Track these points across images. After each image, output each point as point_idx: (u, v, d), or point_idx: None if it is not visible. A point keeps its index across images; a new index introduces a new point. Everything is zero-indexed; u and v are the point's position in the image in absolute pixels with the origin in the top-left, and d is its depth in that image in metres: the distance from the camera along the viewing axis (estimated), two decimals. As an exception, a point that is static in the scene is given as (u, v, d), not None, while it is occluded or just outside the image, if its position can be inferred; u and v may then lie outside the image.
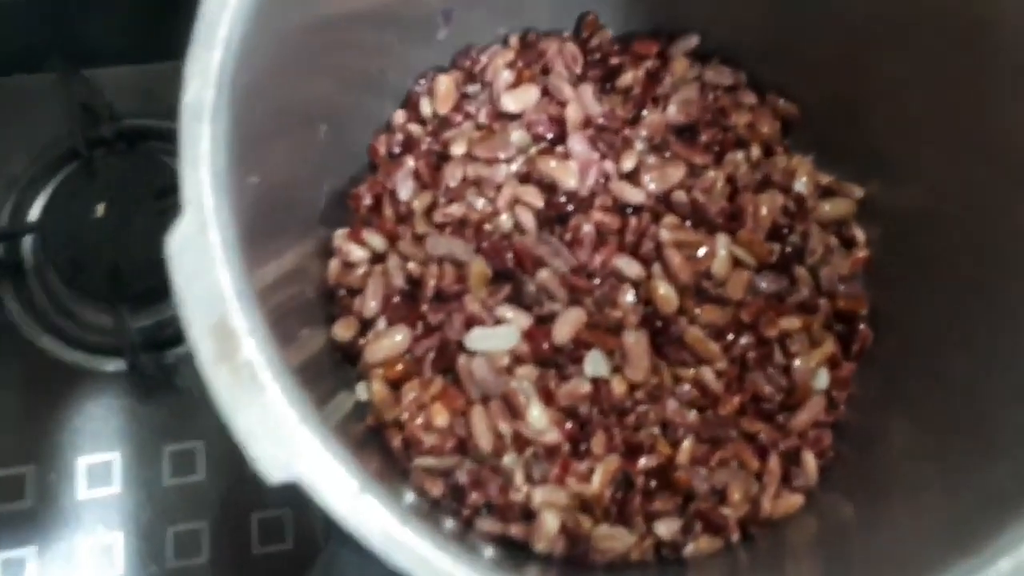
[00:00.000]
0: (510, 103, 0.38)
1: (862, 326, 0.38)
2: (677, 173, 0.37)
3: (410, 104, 0.39)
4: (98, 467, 0.45)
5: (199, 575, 0.44)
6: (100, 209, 0.46)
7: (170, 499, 0.45)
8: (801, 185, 0.39)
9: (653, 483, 0.35)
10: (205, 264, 0.20)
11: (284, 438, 0.20)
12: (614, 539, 0.34)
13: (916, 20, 0.33)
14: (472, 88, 0.39)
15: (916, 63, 0.35)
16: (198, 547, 0.44)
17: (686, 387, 0.36)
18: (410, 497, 0.31)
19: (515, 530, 0.33)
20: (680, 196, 0.37)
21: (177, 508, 0.44)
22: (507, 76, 0.39)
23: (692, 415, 0.36)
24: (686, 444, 0.35)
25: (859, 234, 0.40)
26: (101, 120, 0.47)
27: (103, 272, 0.45)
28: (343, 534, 0.20)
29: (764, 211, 0.37)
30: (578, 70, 0.40)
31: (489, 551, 0.26)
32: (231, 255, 0.21)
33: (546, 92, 0.39)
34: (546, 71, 0.40)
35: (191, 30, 0.22)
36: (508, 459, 0.34)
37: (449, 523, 0.29)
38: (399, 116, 0.39)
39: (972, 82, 0.32)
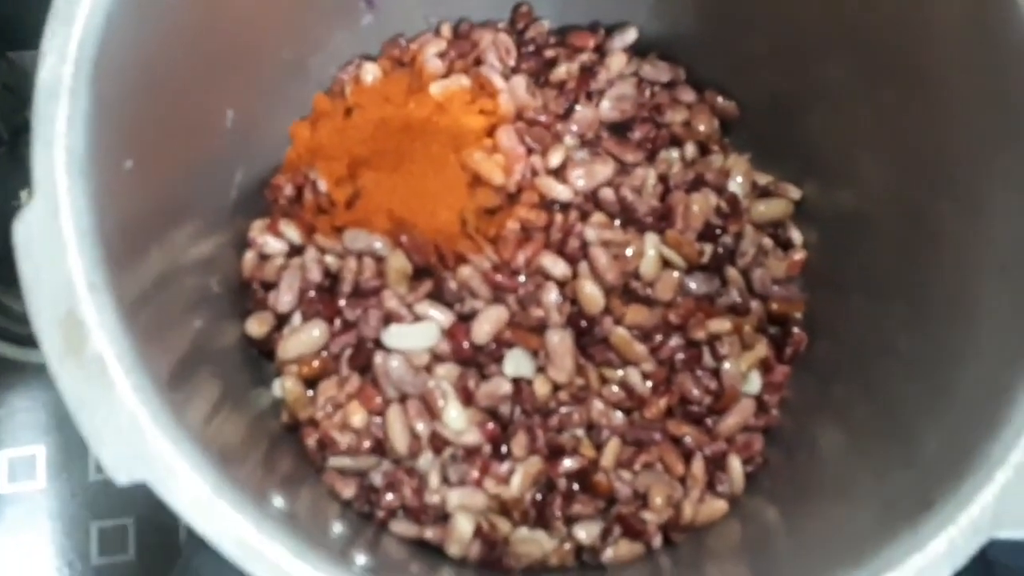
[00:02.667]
0: (438, 93, 0.37)
1: (796, 329, 0.38)
2: (605, 170, 0.36)
3: (334, 91, 0.38)
4: (21, 461, 0.44)
5: (125, 572, 0.43)
6: (24, 196, 0.44)
7: (96, 495, 0.44)
8: (736, 185, 0.38)
9: (575, 486, 0.34)
10: (55, 252, 0.19)
11: (132, 437, 0.19)
12: (532, 543, 0.33)
13: (852, 27, 0.33)
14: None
15: (851, 68, 0.34)
16: (124, 543, 0.43)
17: (613, 388, 0.35)
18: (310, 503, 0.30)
19: (430, 533, 0.33)
20: (608, 194, 0.36)
21: (103, 504, 0.43)
22: (437, 65, 0.38)
23: (618, 417, 0.35)
24: (610, 446, 0.35)
25: (796, 236, 0.39)
26: (26, 104, 0.45)
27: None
28: (199, 540, 0.19)
29: (696, 211, 0.37)
30: (511, 62, 0.39)
31: (362, 559, 0.25)
32: (86, 243, 0.20)
33: (478, 83, 0.38)
34: (479, 62, 0.39)
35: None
36: (424, 460, 0.33)
37: (339, 528, 0.28)
38: (321, 102, 0.37)
39: (903, 90, 0.32)
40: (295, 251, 0.36)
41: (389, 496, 0.33)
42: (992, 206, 0.28)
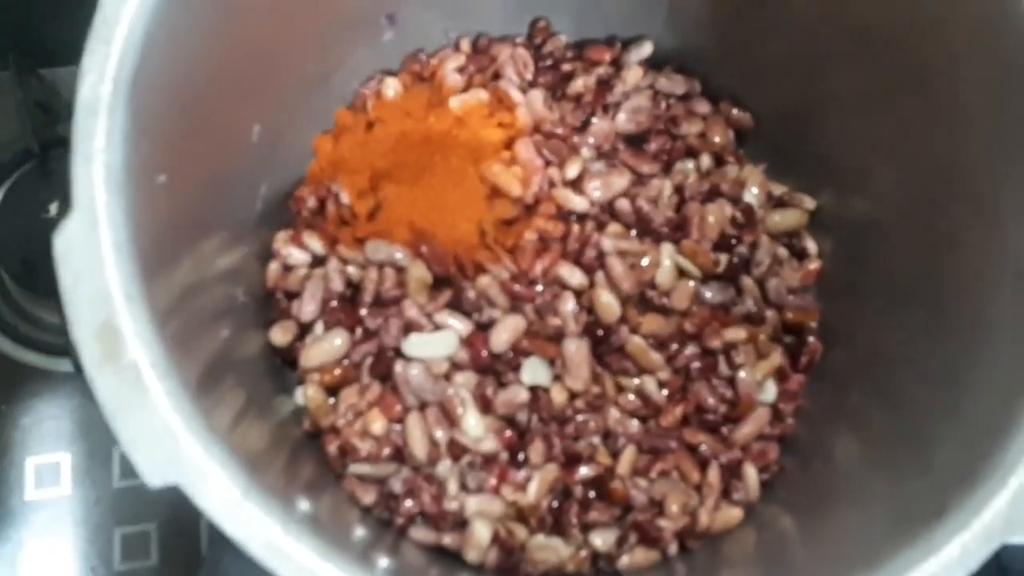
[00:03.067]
0: (457, 107, 0.38)
1: (811, 339, 0.38)
2: (622, 181, 0.37)
3: (356, 106, 0.39)
4: (47, 468, 0.45)
5: (146, 578, 0.43)
6: (53, 209, 0.45)
7: (120, 501, 0.44)
8: (751, 196, 0.39)
9: (591, 493, 0.35)
10: (93, 264, 0.20)
11: (166, 442, 0.19)
12: (549, 550, 0.33)
13: (866, 36, 0.33)
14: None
15: (866, 77, 0.34)
16: (147, 550, 0.44)
17: (629, 396, 0.36)
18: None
19: (448, 539, 0.33)
20: (624, 204, 0.37)
21: (126, 510, 0.44)
22: (456, 79, 0.39)
23: (634, 425, 0.36)
24: (626, 454, 0.35)
25: (811, 245, 0.39)
26: (57, 120, 0.46)
27: (55, 272, 0.45)
28: (226, 542, 0.19)
29: (711, 221, 0.37)
30: (529, 76, 0.39)
31: (384, 562, 0.25)
32: (123, 256, 0.20)
33: (496, 97, 0.39)
34: (497, 76, 0.40)
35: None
36: (442, 467, 0.34)
37: (360, 533, 0.29)
38: (343, 117, 0.38)
39: (918, 99, 0.32)
40: (318, 262, 0.37)
41: (408, 503, 0.33)
42: (1007, 214, 0.28)
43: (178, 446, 0.19)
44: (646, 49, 0.40)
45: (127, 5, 0.22)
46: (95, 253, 0.20)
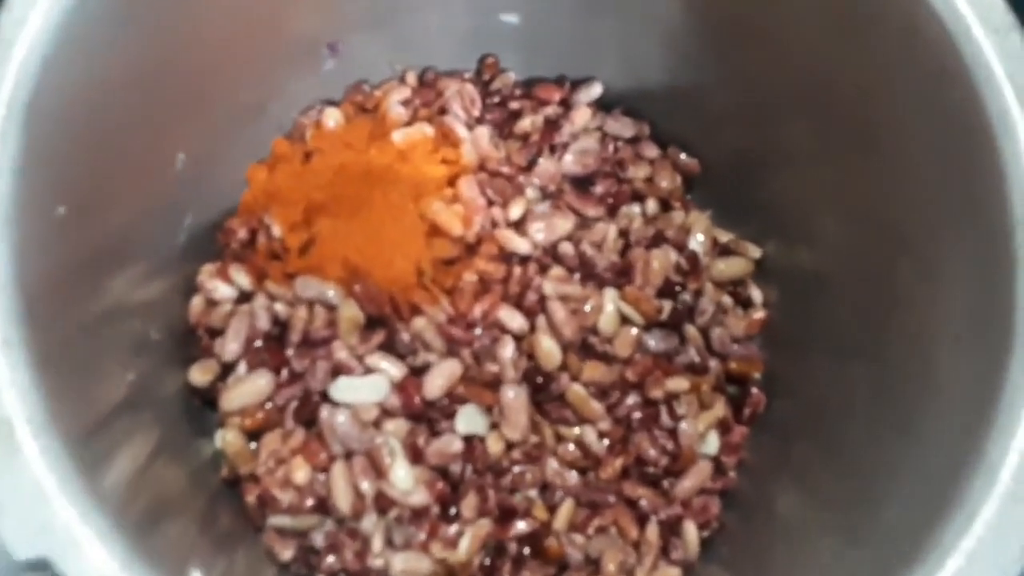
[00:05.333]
0: (400, 140, 0.37)
1: (755, 389, 0.37)
2: (566, 224, 0.36)
3: (294, 135, 0.37)
4: None
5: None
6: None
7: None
8: (696, 243, 0.38)
9: (525, 550, 0.33)
10: (-35, 305, 0.18)
11: (37, 507, 0.17)
12: (480, 610, 0.31)
13: (814, 91, 0.33)
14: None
15: (814, 131, 0.34)
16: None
17: (568, 447, 0.34)
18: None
19: (371, 599, 0.31)
20: (568, 248, 0.36)
21: None
22: (401, 112, 0.38)
23: (572, 477, 0.34)
24: (564, 508, 0.34)
25: (756, 294, 0.39)
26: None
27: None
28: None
29: (655, 267, 0.36)
30: (476, 112, 0.38)
31: None
32: (3, 296, 0.18)
33: (441, 132, 0.38)
34: (443, 111, 0.38)
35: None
36: (368, 521, 0.32)
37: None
38: (280, 146, 0.37)
39: (864, 155, 0.32)
40: (244, 297, 0.35)
41: (330, 559, 0.32)
42: (947, 274, 0.28)
43: (50, 511, 0.17)
44: (596, 90, 0.40)
45: (26, 26, 0.20)
46: (-32, 292, 0.18)
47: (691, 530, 0.34)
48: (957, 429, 0.24)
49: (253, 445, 0.33)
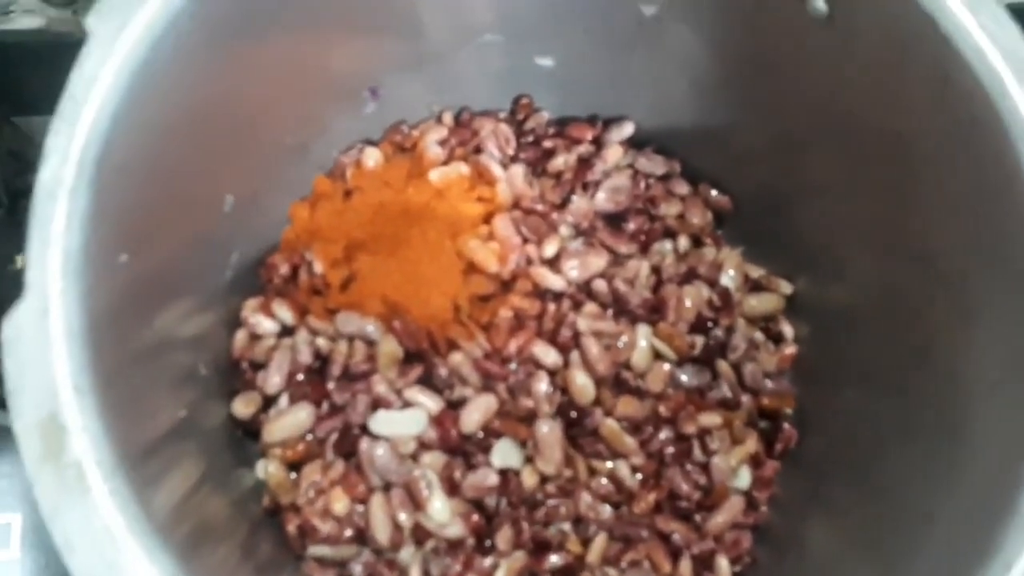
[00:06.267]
0: (437, 179, 0.38)
1: (786, 425, 0.37)
2: (599, 261, 0.37)
3: (334, 174, 0.38)
4: (-3, 529, 0.43)
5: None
6: (20, 261, 0.44)
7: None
8: (728, 279, 0.38)
9: (559, 583, 0.33)
10: (42, 353, 0.19)
11: (104, 547, 0.18)
12: (514, 643, 0.32)
13: (846, 127, 0.34)
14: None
15: (844, 167, 0.35)
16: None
17: (602, 480, 0.35)
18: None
19: (409, 630, 0.32)
20: (601, 285, 0.36)
21: (75, 577, 0.42)
22: (438, 152, 0.39)
23: (606, 511, 0.35)
24: (598, 542, 0.34)
25: (787, 330, 0.39)
26: (29, 169, 0.45)
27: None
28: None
29: (688, 303, 0.37)
30: (511, 151, 0.39)
31: None
32: (75, 345, 0.20)
33: (477, 171, 0.39)
34: (478, 150, 0.39)
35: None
36: (405, 552, 0.33)
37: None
38: (321, 184, 0.38)
39: (896, 191, 0.32)
40: (286, 332, 0.36)
41: (368, 589, 0.32)
42: (984, 317, 0.28)
43: (117, 552, 0.18)
44: (627, 129, 0.40)
45: (97, 84, 0.21)
46: (45, 341, 0.19)
47: (723, 565, 0.34)
48: (993, 477, 0.24)
49: (294, 476, 0.34)
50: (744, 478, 0.36)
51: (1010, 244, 0.27)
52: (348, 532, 0.33)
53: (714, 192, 0.41)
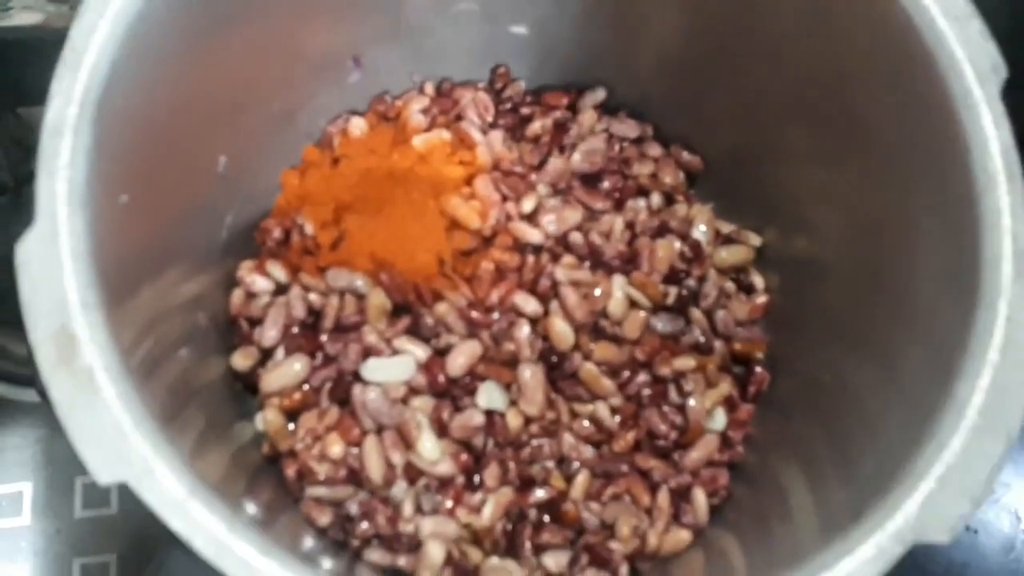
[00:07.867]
0: (420, 145, 0.40)
1: (758, 369, 0.39)
2: (575, 216, 0.39)
3: (322, 143, 0.40)
4: (8, 497, 0.45)
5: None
6: (25, 241, 0.46)
7: (80, 532, 0.44)
8: (699, 233, 0.40)
9: (544, 517, 0.35)
10: (52, 272, 0.21)
11: (115, 441, 0.20)
12: (503, 572, 0.34)
13: (799, 87, 0.35)
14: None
15: (808, 132, 0.36)
16: (105, 580, 0.44)
17: (583, 422, 0.37)
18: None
19: (402, 561, 0.34)
20: (577, 238, 0.38)
21: (87, 541, 0.44)
22: (420, 120, 0.41)
23: (587, 450, 0.37)
24: (580, 479, 0.36)
25: (758, 280, 0.41)
26: (32, 156, 0.48)
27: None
28: (174, 539, 0.20)
29: (661, 255, 0.39)
30: (490, 118, 0.41)
31: (328, 563, 0.26)
32: (81, 265, 0.22)
33: (458, 137, 0.41)
34: (459, 118, 0.42)
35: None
36: (398, 489, 0.35)
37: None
38: (310, 154, 0.40)
39: (855, 156, 0.34)
40: (281, 290, 0.38)
41: (364, 524, 0.34)
42: (923, 245, 0.30)
43: (127, 444, 0.20)
44: (600, 94, 0.42)
45: (95, 35, 0.23)
46: (54, 261, 0.21)
47: (700, 497, 0.36)
48: (933, 378, 0.26)
49: (291, 425, 0.36)
50: (720, 420, 0.38)
51: (943, 175, 0.28)
52: (344, 473, 0.35)
53: (686, 153, 0.42)
